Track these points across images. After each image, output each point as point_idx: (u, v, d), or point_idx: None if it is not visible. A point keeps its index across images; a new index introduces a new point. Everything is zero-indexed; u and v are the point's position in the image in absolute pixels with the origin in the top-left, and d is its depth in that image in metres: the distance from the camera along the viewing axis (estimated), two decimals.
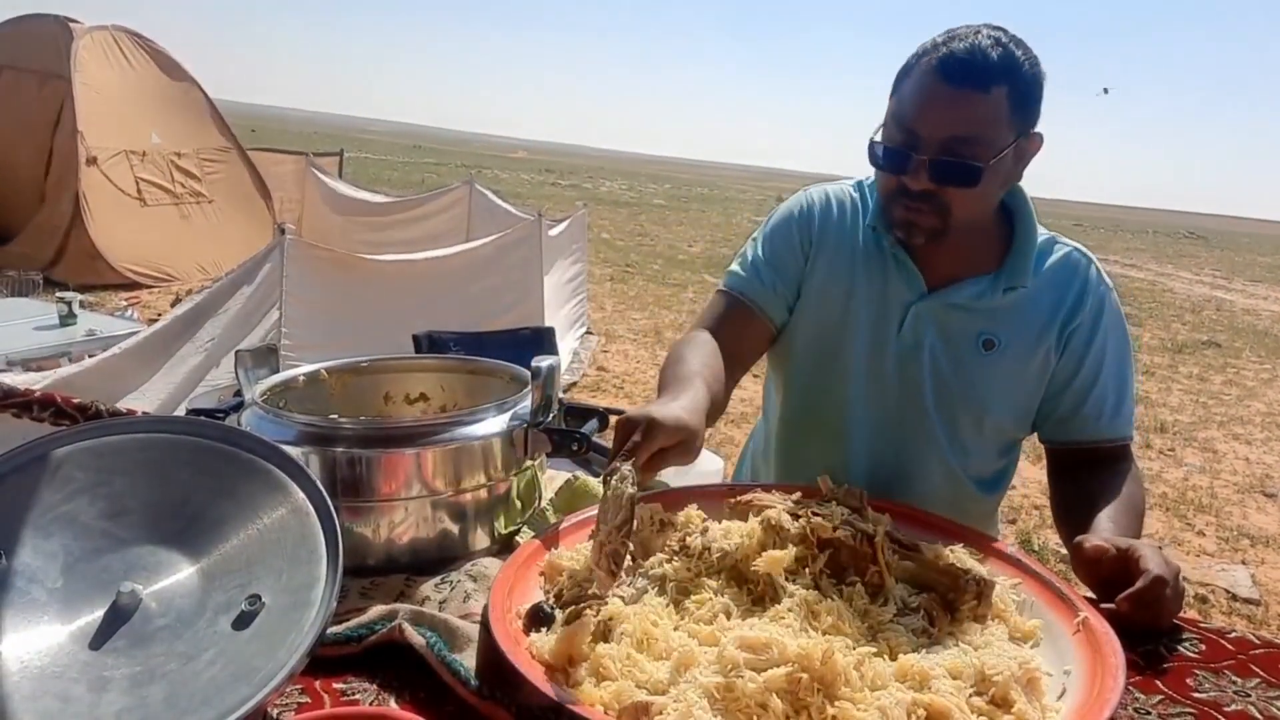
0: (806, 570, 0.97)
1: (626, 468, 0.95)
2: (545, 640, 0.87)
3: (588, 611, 0.88)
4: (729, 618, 0.91)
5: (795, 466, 1.53)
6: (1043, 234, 1.39)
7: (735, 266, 1.49)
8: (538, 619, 0.90)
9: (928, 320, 1.37)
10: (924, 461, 1.42)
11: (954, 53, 1.19)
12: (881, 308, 1.39)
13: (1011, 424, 1.42)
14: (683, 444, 1.02)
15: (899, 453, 1.43)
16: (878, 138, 1.30)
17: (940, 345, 1.37)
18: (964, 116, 1.20)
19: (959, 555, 1.04)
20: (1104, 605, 1.03)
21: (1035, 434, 1.46)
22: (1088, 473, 1.38)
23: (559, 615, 0.91)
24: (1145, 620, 1.03)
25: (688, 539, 1.02)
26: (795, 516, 1.01)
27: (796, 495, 1.09)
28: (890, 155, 1.27)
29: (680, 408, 1.06)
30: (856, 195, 1.47)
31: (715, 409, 1.21)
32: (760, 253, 1.47)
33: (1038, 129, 1.27)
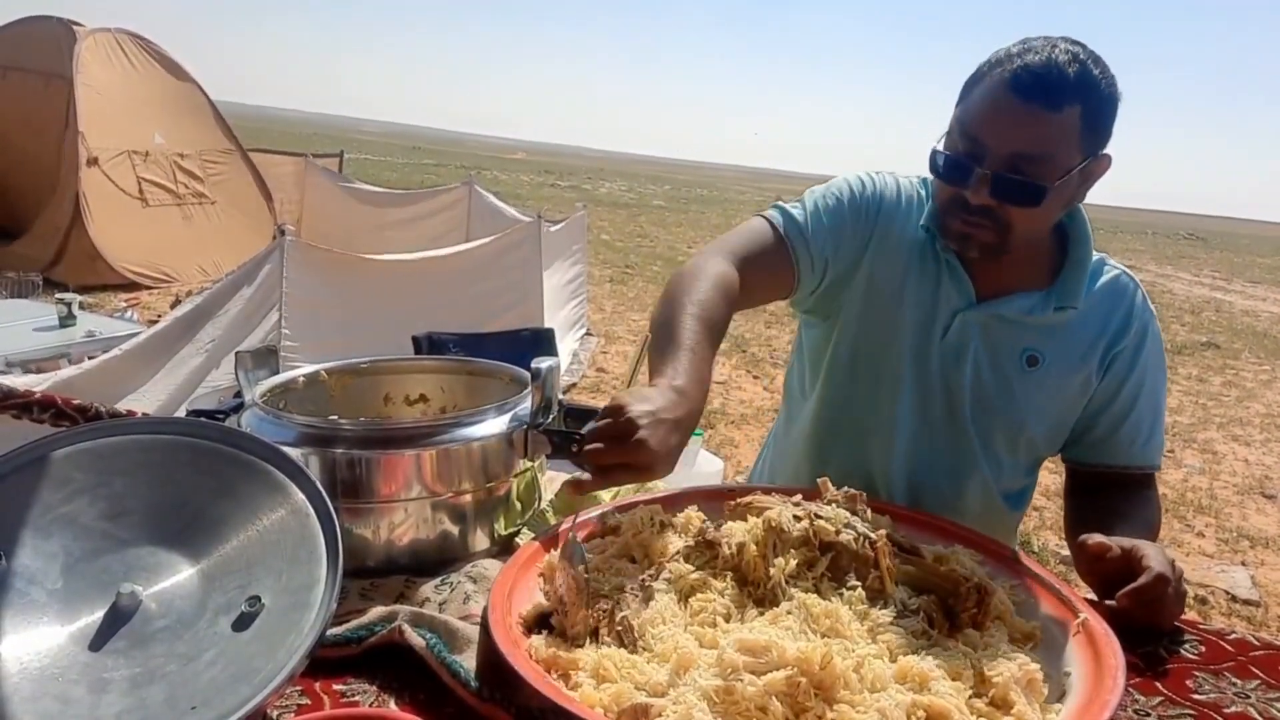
0: (808, 573, 0.97)
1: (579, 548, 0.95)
2: (546, 642, 0.87)
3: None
4: (728, 620, 0.91)
5: (830, 467, 1.49)
6: (1096, 257, 1.37)
7: (791, 208, 1.38)
8: (544, 625, 0.91)
9: (974, 329, 1.35)
10: (961, 471, 1.40)
11: (1029, 66, 1.15)
12: (930, 311, 1.36)
13: (1044, 442, 1.41)
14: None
15: (937, 461, 1.40)
16: (940, 145, 1.26)
17: (984, 356, 1.35)
18: (1033, 134, 1.17)
19: (959, 558, 1.04)
20: (1105, 602, 1.03)
21: (1060, 453, 1.44)
22: (1109, 495, 1.36)
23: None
24: (1145, 618, 1.03)
25: (707, 535, 1.01)
26: (797, 519, 1.01)
27: (797, 497, 1.09)
28: (952, 166, 1.24)
29: (677, 449, 1.02)
30: (921, 193, 1.41)
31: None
32: (824, 208, 1.37)
33: (1108, 150, 1.24)
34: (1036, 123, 1.16)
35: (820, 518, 1.00)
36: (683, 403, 1.06)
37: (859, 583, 0.95)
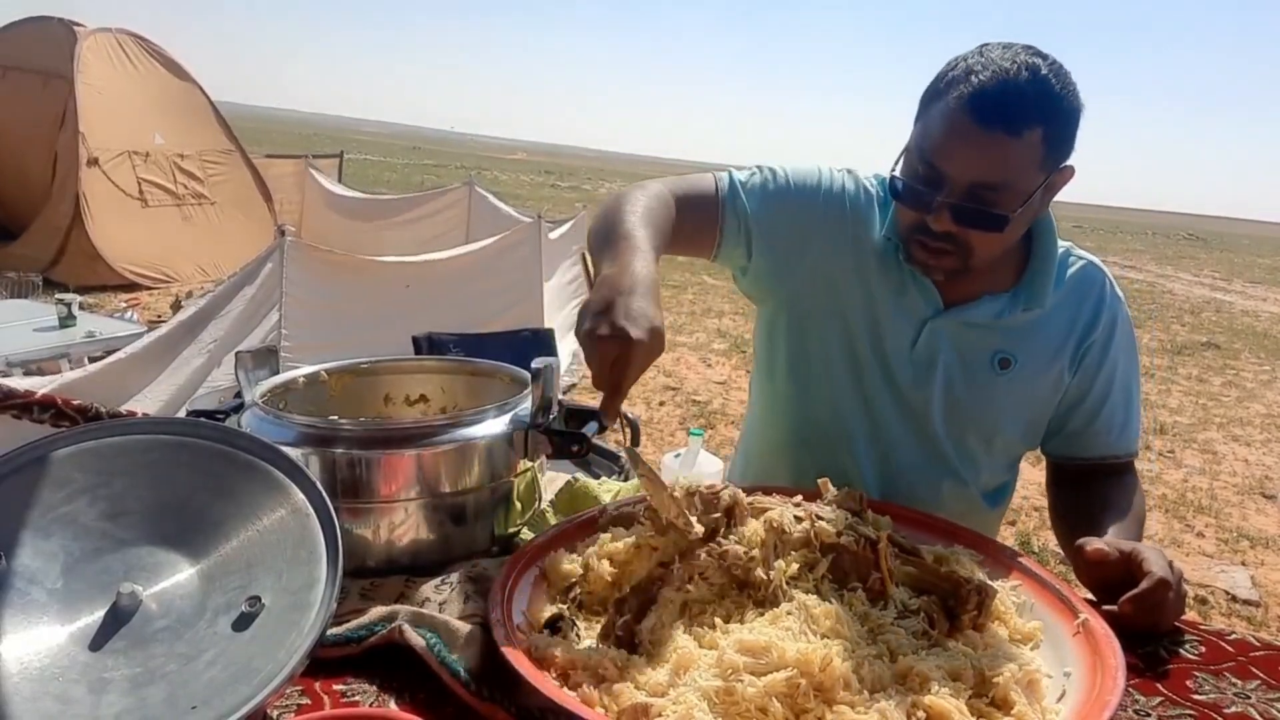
0: (809, 575, 0.97)
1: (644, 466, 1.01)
2: (552, 643, 0.87)
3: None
4: (728, 621, 0.91)
5: (795, 475, 1.46)
6: (1061, 250, 1.34)
7: (741, 175, 1.35)
8: (556, 630, 0.91)
9: (943, 337, 1.33)
10: (935, 476, 1.39)
11: (986, 89, 1.10)
12: (896, 320, 1.34)
13: (1021, 441, 1.41)
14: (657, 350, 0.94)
15: (910, 467, 1.39)
16: (897, 170, 1.23)
17: (956, 364, 1.33)
18: (994, 162, 1.13)
19: (959, 559, 1.04)
20: (1105, 608, 1.03)
21: (1040, 447, 1.44)
22: (1091, 484, 1.36)
23: (579, 626, 0.92)
24: (1147, 623, 1.03)
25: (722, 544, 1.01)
26: (798, 520, 1.00)
27: (798, 498, 1.09)
28: (912, 193, 1.21)
29: (651, 310, 0.94)
30: (881, 195, 1.37)
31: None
32: (773, 188, 1.33)
33: (1070, 161, 1.20)
34: (998, 149, 1.12)
35: (821, 519, 1.00)
36: (624, 274, 0.98)
37: (859, 584, 0.95)
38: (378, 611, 0.94)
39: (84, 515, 0.82)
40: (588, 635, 0.92)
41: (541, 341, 3.69)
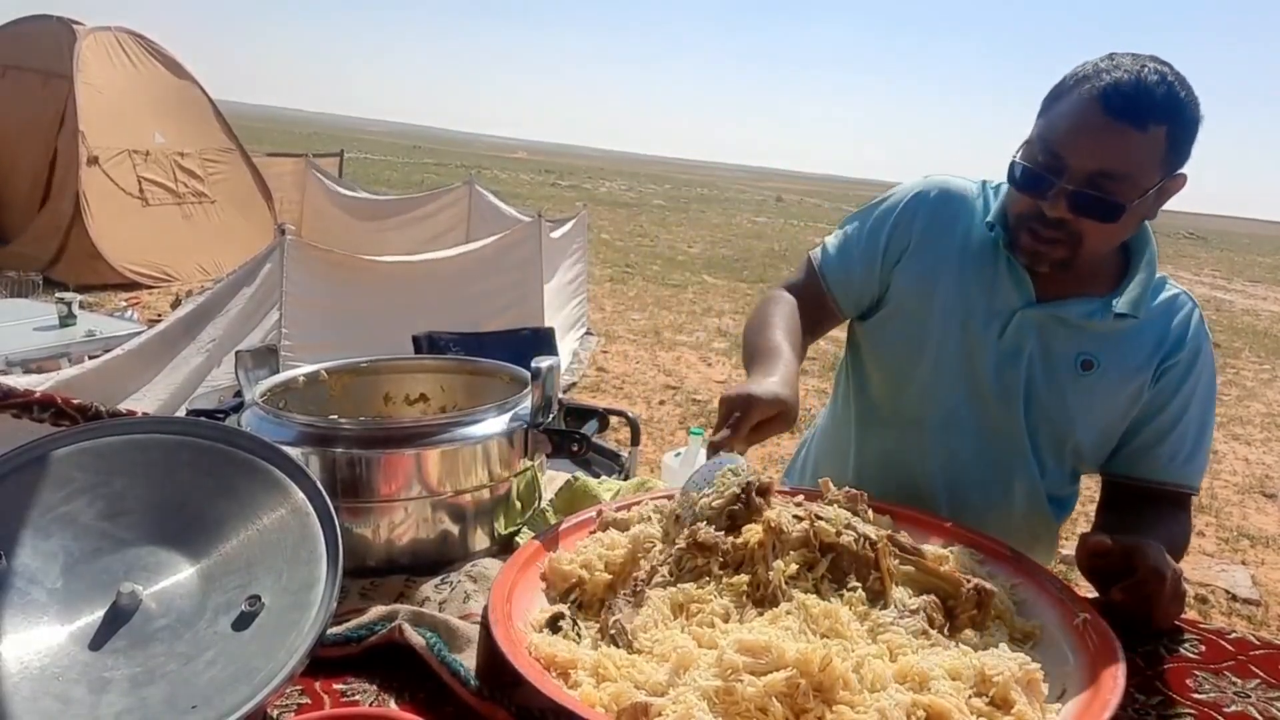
0: (809, 575, 0.97)
1: (742, 462, 1.07)
2: (550, 641, 0.87)
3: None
4: (726, 620, 0.91)
5: (873, 460, 1.50)
6: (1160, 274, 1.37)
7: (833, 238, 1.50)
8: (556, 630, 0.91)
9: (1031, 329, 1.34)
10: (1010, 470, 1.39)
11: (1118, 84, 1.15)
12: (986, 308, 1.36)
13: (1090, 449, 1.40)
14: (781, 415, 1.12)
15: (986, 458, 1.39)
16: (1018, 157, 1.26)
17: (1039, 357, 1.35)
18: (1117, 152, 1.16)
19: (959, 557, 1.04)
20: (1101, 598, 1.03)
21: (1100, 468, 1.43)
22: (1143, 509, 1.34)
23: (579, 625, 0.92)
24: (1141, 613, 1.03)
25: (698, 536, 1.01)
26: (797, 519, 1.01)
27: (799, 498, 1.09)
28: (1031, 178, 1.24)
29: (775, 382, 1.15)
30: (978, 192, 1.43)
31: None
32: (855, 238, 1.46)
33: (1184, 170, 1.24)
34: (1122, 141, 1.16)
35: (821, 519, 1.00)
36: (766, 370, 1.21)
37: (859, 584, 0.95)
38: (378, 611, 0.94)
39: (84, 515, 0.82)
40: (588, 635, 0.92)
41: (542, 340, 3.70)
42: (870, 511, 1.10)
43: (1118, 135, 1.15)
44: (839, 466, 1.55)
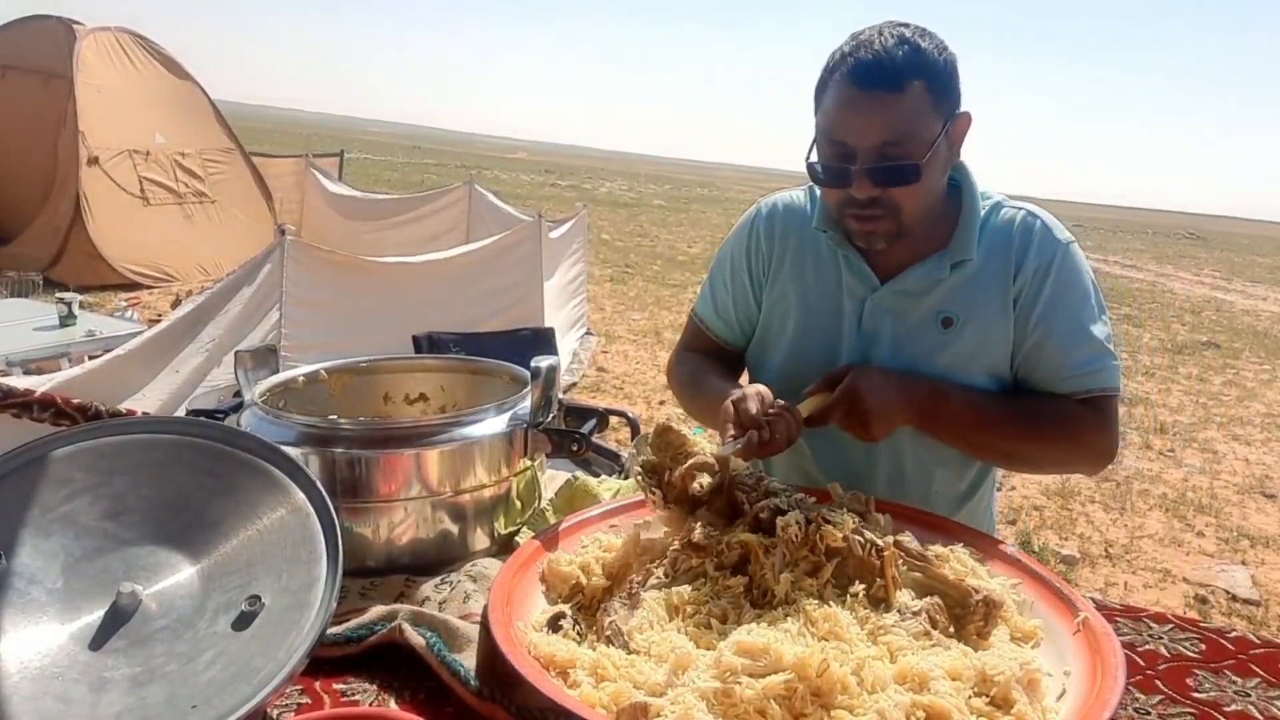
0: (813, 580, 0.96)
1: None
2: (550, 641, 0.87)
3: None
4: (724, 621, 0.91)
5: (814, 469, 1.49)
6: (990, 200, 1.39)
7: (705, 290, 1.58)
8: (556, 630, 0.91)
9: (884, 311, 1.38)
10: (888, 453, 1.40)
11: (861, 60, 1.21)
12: (837, 308, 1.41)
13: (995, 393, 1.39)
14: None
15: (865, 450, 1.38)
16: (813, 157, 1.31)
17: (901, 333, 1.38)
18: (888, 119, 1.21)
19: (960, 558, 1.04)
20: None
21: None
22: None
23: (580, 625, 0.92)
24: (859, 432, 1.24)
25: (693, 537, 1.01)
26: (806, 522, 1.00)
27: (812, 500, 1.08)
28: (829, 172, 1.28)
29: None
30: (805, 199, 1.49)
31: None
32: (720, 281, 1.55)
33: (963, 109, 1.28)
34: (887, 107, 1.21)
35: (828, 523, 0.99)
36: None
37: (863, 589, 0.94)
38: (378, 611, 0.94)
39: (84, 515, 0.82)
40: (589, 635, 0.92)
41: (542, 340, 3.69)
42: (882, 518, 1.09)
43: (881, 104, 1.21)
44: (792, 465, 1.53)
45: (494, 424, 1.10)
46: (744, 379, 1.51)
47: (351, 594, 1.01)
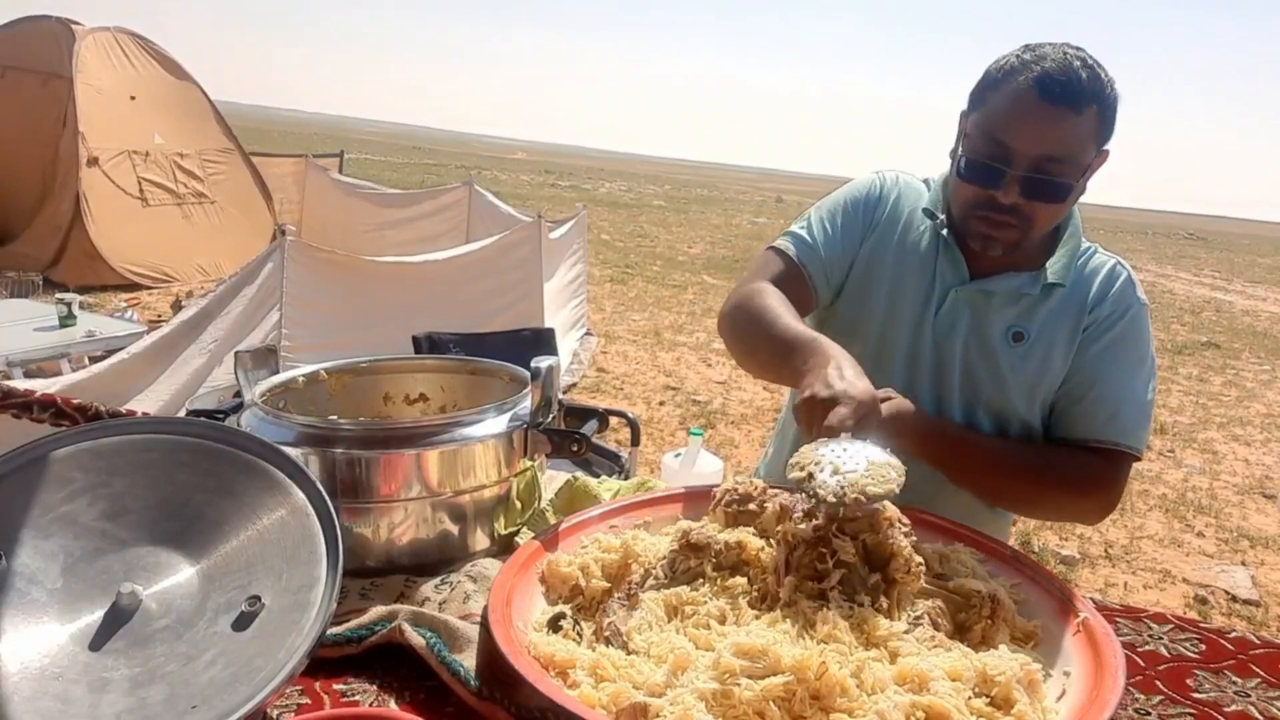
0: (817, 585, 0.95)
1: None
2: (549, 641, 0.87)
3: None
4: (723, 622, 0.91)
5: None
6: (1087, 245, 1.43)
7: (797, 229, 1.50)
8: (556, 630, 0.91)
9: (964, 305, 1.41)
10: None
11: (1050, 73, 1.22)
12: (926, 290, 1.43)
13: (1027, 418, 1.42)
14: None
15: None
16: (961, 150, 1.32)
17: (972, 332, 1.40)
18: (1060, 136, 1.23)
19: (960, 558, 1.04)
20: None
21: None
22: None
23: (580, 625, 0.92)
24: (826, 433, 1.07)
25: (691, 538, 1.01)
26: (815, 530, 0.98)
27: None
28: (980, 170, 1.29)
29: (857, 378, 1.08)
30: (912, 182, 1.52)
31: None
32: (823, 223, 1.49)
33: (1108, 145, 1.30)
34: (1064, 124, 1.23)
35: (842, 534, 0.98)
36: (828, 359, 1.14)
37: (867, 598, 0.93)
38: (378, 611, 0.94)
39: (84, 515, 0.82)
40: (588, 636, 0.92)
41: (542, 341, 3.69)
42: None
43: (1059, 119, 1.22)
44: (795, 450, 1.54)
45: (494, 424, 1.10)
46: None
47: (351, 594, 1.01)
